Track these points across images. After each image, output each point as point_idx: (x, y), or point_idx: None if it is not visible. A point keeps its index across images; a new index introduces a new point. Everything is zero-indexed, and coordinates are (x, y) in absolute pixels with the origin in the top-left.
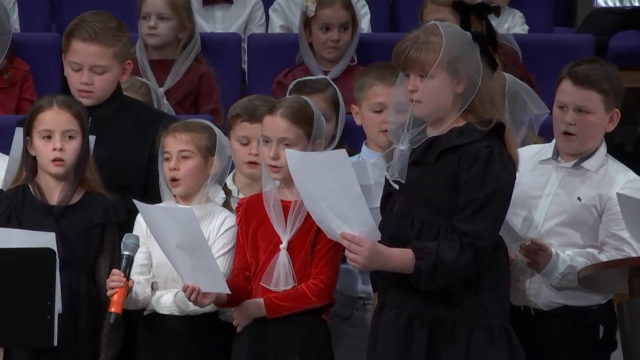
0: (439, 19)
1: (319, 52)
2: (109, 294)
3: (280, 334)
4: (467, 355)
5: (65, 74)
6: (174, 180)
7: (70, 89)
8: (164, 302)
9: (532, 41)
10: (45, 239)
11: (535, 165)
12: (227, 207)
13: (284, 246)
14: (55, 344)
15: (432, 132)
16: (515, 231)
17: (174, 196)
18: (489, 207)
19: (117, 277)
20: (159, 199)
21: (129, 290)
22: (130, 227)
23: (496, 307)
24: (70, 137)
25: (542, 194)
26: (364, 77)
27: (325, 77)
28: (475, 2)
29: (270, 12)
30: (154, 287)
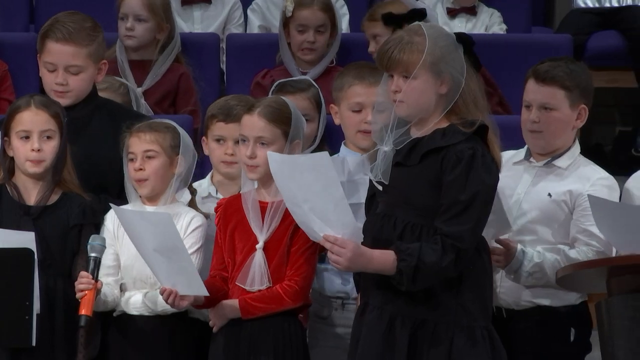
0: (374, 34)
1: (295, 53)
2: (78, 296)
3: (254, 334)
4: (448, 356)
5: (40, 75)
6: (140, 180)
7: (44, 89)
8: (133, 303)
9: (510, 41)
10: (24, 239)
11: (509, 167)
12: (192, 206)
13: (260, 246)
14: (33, 343)
15: (416, 133)
16: (505, 218)
17: (139, 197)
18: (472, 208)
19: (85, 279)
20: None
21: (97, 291)
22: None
23: (478, 308)
24: (48, 137)
25: (513, 193)
26: (343, 77)
27: (307, 78)
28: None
29: (248, 12)
30: (123, 288)
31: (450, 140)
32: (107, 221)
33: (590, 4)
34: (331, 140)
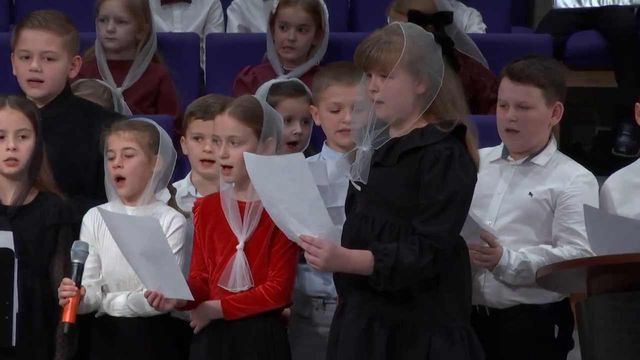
0: None
1: (277, 50)
2: (61, 303)
3: (237, 335)
4: (427, 356)
5: (14, 70)
6: (120, 179)
7: (19, 81)
8: (115, 305)
9: (490, 40)
10: (2, 239)
11: (486, 165)
12: (172, 205)
13: (240, 247)
14: (14, 343)
15: (394, 133)
16: (474, 221)
17: (119, 196)
18: (449, 208)
19: (68, 286)
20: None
21: (80, 298)
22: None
23: (456, 308)
24: (23, 136)
25: (493, 192)
26: (321, 78)
27: (297, 80)
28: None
29: (228, 11)
30: (104, 290)
31: (428, 140)
32: (87, 222)
33: (570, 5)
34: (312, 139)
